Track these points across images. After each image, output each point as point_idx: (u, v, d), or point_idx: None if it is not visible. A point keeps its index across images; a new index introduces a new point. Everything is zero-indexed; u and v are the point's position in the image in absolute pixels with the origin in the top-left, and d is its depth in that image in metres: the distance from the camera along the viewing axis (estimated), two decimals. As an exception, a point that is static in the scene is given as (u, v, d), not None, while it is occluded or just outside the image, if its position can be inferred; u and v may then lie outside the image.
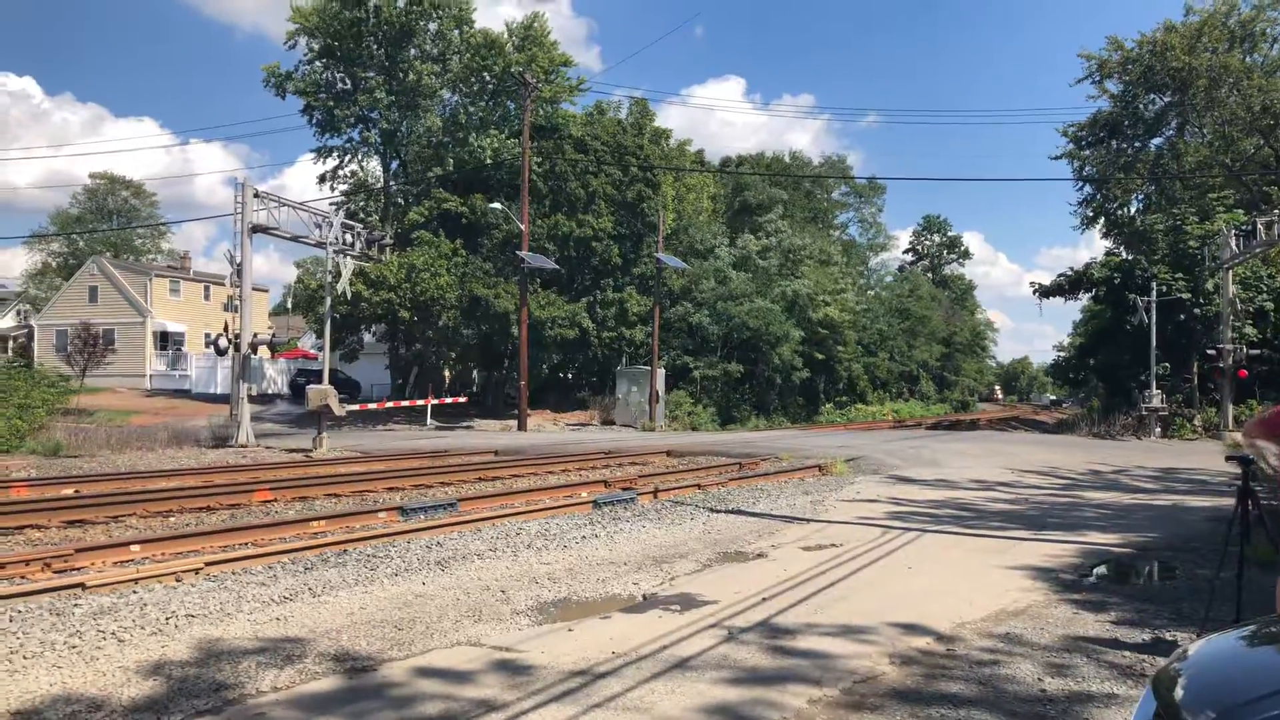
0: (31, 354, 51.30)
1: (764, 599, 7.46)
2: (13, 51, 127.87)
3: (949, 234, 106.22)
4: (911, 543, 10.26)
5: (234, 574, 8.11)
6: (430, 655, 5.87)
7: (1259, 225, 30.94)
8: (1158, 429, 32.42)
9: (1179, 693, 2.64)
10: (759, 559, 9.35)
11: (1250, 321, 33.95)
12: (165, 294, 57.58)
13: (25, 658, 5.57)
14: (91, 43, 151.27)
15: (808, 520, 11.96)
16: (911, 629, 6.58)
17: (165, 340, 56.18)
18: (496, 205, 38.93)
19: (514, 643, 6.18)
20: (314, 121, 46.80)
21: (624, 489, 14.79)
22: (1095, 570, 8.95)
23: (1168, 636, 6.47)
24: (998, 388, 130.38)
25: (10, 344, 59.11)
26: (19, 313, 65.81)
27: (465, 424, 37.71)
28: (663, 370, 40.76)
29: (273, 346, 35.57)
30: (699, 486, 15.46)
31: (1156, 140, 46.83)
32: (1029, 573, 8.63)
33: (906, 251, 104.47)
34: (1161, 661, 5.74)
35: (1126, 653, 6.07)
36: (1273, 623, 3.56)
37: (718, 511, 12.68)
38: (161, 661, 5.58)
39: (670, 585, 8.05)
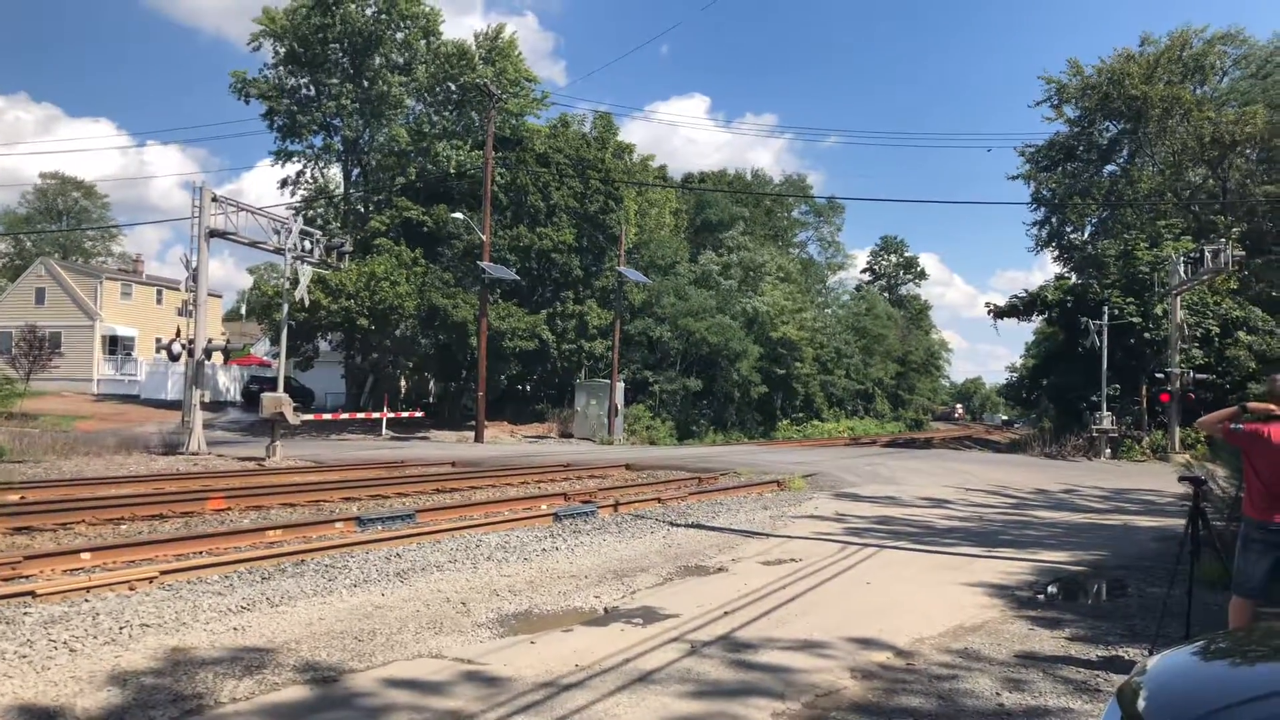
0: (-26, 356, 49.99)
1: (725, 613, 7.49)
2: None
3: (906, 254, 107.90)
4: (870, 558, 10.36)
5: (189, 583, 7.97)
6: (392, 667, 5.82)
7: (1206, 253, 31.76)
8: (1108, 450, 33.02)
9: (1141, 704, 2.75)
10: (720, 573, 9.39)
11: (1197, 345, 34.77)
12: (116, 297, 56.47)
13: (-26, 666, 5.43)
14: (48, 42, 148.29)
15: (767, 535, 12.03)
16: (871, 644, 6.65)
17: (115, 344, 55.04)
18: (458, 215, 38.77)
19: (476, 655, 6.14)
20: (276, 126, 46.40)
21: (584, 502, 14.76)
22: (1049, 587, 9.11)
23: (1121, 653, 6.60)
24: (959, 406, 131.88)
25: (-48, 346, 57.57)
26: (-38, 314, 64.06)
27: (421, 435, 37.39)
28: (622, 384, 40.78)
29: (226, 353, 35.06)
30: (659, 500, 15.48)
31: (1110, 166, 47.93)
32: (985, 589, 8.75)
33: (864, 271, 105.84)
34: (1116, 677, 5.88)
35: (1081, 669, 6.18)
36: (1223, 638, 3.68)
37: (678, 525, 12.71)
38: (116, 672, 5.47)
39: (632, 599, 8.05)
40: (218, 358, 31.17)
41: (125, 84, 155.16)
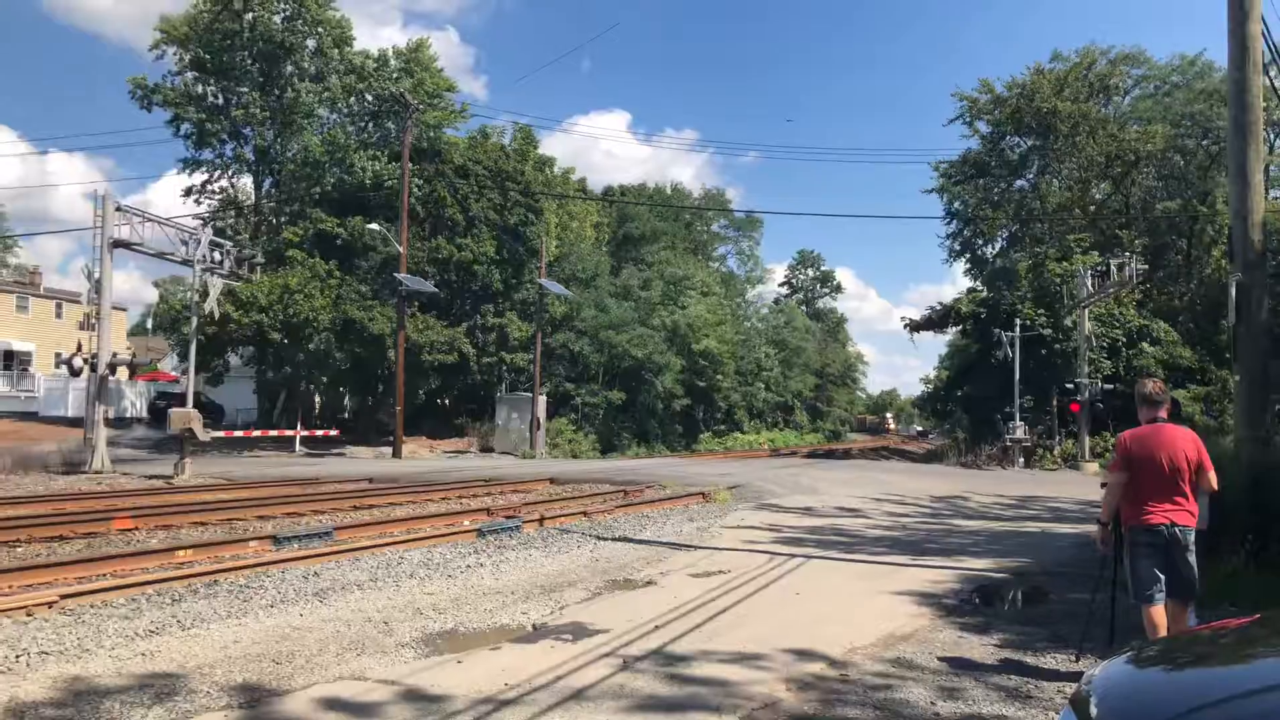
0: None
1: (656, 627, 7.37)
2: None
3: (822, 268, 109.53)
4: (798, 569, 10.35)
5: (93, 607, 7.52)
6: (313, 690, 5.56)
7: (1112, 267, 32.94)
8: (1021, 459, 33.88)
9: (1094, 711, 2.76)
10: (649, 586, 9.27)
11: (1105, 355, 35.98)
12: (11, 310, 54.14)
13: None
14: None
15: (695, 547, 11.96)
16: (805, 654, 6.60)
17: (10, 360, 52.64)
18: (374, 226, 37.96)
19: (400, 676, 5.91)
20: (182, 134, 44.92)
21: (508, 517, 14.50)
22: (975, 595, 9.19)
23: (1049, 658, 6.67)
24: (890, 416, 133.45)
25: None
26: None
27: (337, 451, 36.50)
28: (544, 397, 40.42)
29: (132, 368, 33.70)
30: (585, 514, 15.30)
31: (1020, 181, 49.31)
32: (913, 598, 8.80)
33: (782, 284, 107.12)
34: (1045, 684, 5.95)
35: (1012, 675, 6.22)
36: (1156, 646, 3.74)
37: (605, 539, 12.55)
38: (13, 704, 5.10)
39: (560, 614, 7.88)
40: (123, 372, 29.96)
41: (27, 90, 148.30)
